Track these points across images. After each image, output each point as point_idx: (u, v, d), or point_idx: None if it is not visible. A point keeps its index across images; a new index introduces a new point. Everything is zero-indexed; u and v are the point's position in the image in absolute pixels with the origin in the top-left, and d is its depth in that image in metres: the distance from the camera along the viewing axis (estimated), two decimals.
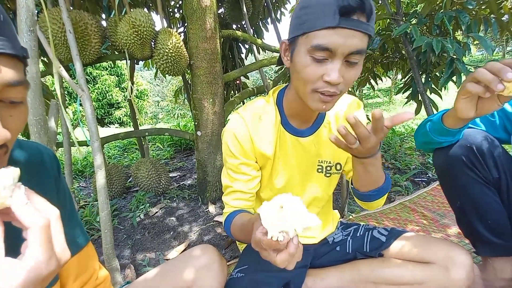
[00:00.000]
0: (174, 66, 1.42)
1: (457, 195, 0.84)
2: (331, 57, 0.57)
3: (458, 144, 0.78)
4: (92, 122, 1.13)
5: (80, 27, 1.30)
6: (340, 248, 0.94)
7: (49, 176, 0.57)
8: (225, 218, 0.79)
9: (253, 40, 1.81)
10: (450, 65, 1.63)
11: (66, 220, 0.59)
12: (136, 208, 1.74)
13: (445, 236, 1.27)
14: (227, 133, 0.77)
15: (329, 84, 0.58)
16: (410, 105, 3.31)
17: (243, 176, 0.78)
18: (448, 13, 1.62)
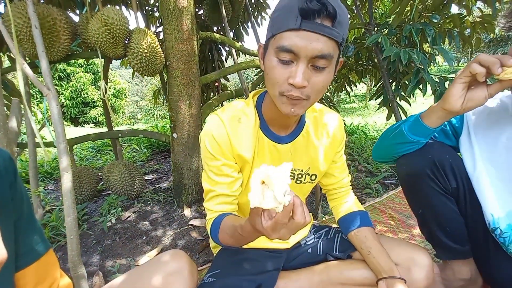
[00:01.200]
0: (148, 67, 1.39)
1: (419, 204, 0.88)
2: (296, 60, 0.58)
3: (421, 156, 0.81)
4: (58, 122, 1.08)
5: (48, 22, 1.24)
6: (311, 250, 0.97)
7: (2, 180, 0.54)
8: (211, 224, 0.76)
9: (231, 43, 1.82)
10: (416, 74, 1.73)
11: (23, 228, 0.56)
12: (108, 213, 1.68)
13: (410, 236, 1.35)
14: (205, 135, 0.75)
15: (293, 87, 0.58)
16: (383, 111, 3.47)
17: (226, 178, 0.77)
18: (416, 25, 1.73)
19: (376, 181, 1.90)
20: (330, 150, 0.86)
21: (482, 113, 0.81)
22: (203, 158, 0.77)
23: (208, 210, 0.79)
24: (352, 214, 0.93)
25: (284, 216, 0.48)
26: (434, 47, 1.70)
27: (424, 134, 0.78)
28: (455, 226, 0.84)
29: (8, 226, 0.54)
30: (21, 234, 0.56)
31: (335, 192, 0.96)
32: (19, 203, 0.57)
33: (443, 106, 0.71)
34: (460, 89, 0.67)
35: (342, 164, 0.92)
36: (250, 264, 0.90)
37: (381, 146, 0.93)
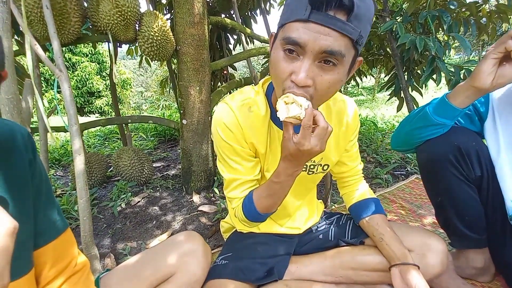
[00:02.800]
0: (159, 51, 1.38)
1: (438, 191, 0.87)
2: (302, 54, 0.52)
3: (444, 142, 0.79)
4: (71, 104, 1.08)
5: (59, 3, 1.23)
6: (322, 236, 0.96)
7: (22, 157, 0.54)
8: (241, 204, 0.76)
9: (242, 29, 1.78)
10: (431, 63, 1.69)
11: (42, 205, 0.56)
12: (117, 198, 1.69)
13: (421, 226, 1.33)
14: (216, 125, 0.73)
15: (296, 85, 0.53)
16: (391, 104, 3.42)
17: (247, 163, 0.75)
18: (432, 12, 1.68)
19: (386, 171, 1.88)
20: (343, 139, 0.84)
21: (508, 98, 0.79)
22: (220, 148, 0.75)
23: (233, 199, 0.78)
24: (364, 201, 0.92)
25: (308, 119, 0.53)
26: (451, 34, 1.64)
27: (450, 116, 0.75)
28: (475, 215, 0.83)
29: (28, 203, 0.54)
30: (40, 211, 0.56)
31: (347, 180, 0.95)
32: (38, 180, 0.57)
33: (473, 83, 0.68)
34: (491, 65, 0.65)
35: (355, 152, 0.91)
36: (262, 248, 0.90)
37: (401, 133, 0.90)
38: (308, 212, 0.98)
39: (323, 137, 0.56)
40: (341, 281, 0.90)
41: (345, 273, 0.88)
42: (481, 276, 0.92)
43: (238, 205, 0.77)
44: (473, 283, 0.93)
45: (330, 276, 0.89)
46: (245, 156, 0.75)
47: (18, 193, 0.51)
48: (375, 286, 0.91)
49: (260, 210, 0.73)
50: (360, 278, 0.87)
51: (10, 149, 0.52)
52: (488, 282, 0.94)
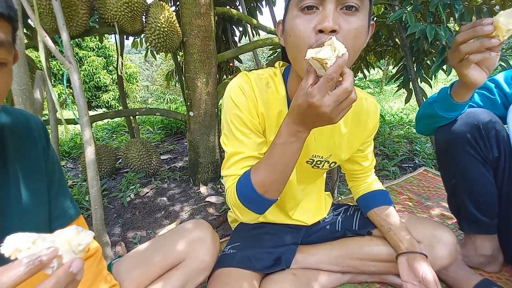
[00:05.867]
0: (166, 42, 1.38)
1: (453, 173, 0.86)
2: (321, 4, 0.51)
3: (464, 121, 0.79)
4: (80, 95, 1.09)
5: None
6: (330, 226, 0.97)
7: (36, 145, 0.55)
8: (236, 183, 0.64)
9: (248, 20, 1.77)
10: (441, 53, 1.65)
11: (55, 192, 0.58)
12: (126, 189, 1.72)
13: (429, 217, 1.33)
14: (229, 89, 0.69)
15: (323, 34, 0.50)
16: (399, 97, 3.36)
17: (255, 138, 0.68)
18: (443, 0, 1.63)
19: (393, 164, 1.86)
20: (357, 139, 0.81)
21: None
22: (228, 117, 0.68)
23: (229, 177, 0.67)
24: (372, 193, 0.91)
25: (335, 70, 0.45)
26: (463, 23, 1.60)
27: (457, 109, 0.76)
28: (488, 198, 0.82)
29: (42, 189, 0.56)
30: (53, 198, 0.58)
31: (357, 175, 0.94)
32: (51, 167, 0.59)
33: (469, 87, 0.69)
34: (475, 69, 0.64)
35: (369, 153, 0.88)
36: (269, 237, 0.91)
37: (419, 122, 0.92)
38: (316, 205, 0.98)
39: (340, 102, 0.47)
40: (348, 271, 0.91)
41: (352, 263, 0.88)
42: (489, 265, 0.92)
43: (232, 184, 0.65)
44: (481, 274, 0.93)
45: (337, 265, 0.90)
46: (252, 129, 0.68)
47: (33, 179, 0.53)
48: (381, 276, 0.92)
49: (257, 187, 0.60)
50: (367, 268, 0.88)
51: (25, 137, 0.53)
52: (496, 272, 0.93)
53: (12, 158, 0.50)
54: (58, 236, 0.33)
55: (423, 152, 2.04)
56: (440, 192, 1.53)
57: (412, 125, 2.90)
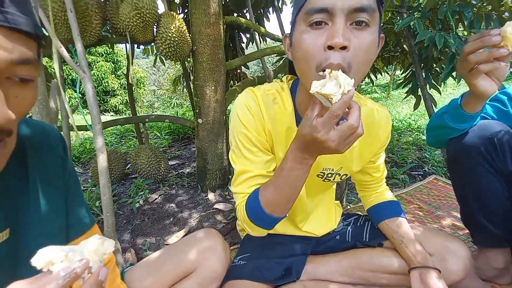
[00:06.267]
0: (176, 51, 1.40)
1: (466, 185, 0.85)
2: (331, 20, 0.50)
3: (476, 134, 0.78)
4: (94, 104, 1.12)
5: (81, 7, 1.27)
6: (340, 236, 0.96)
7: (55, 155, 0.57)
8: (246, 201, 0.67)
9: (256, 28, 1.79)
10: (451, 60, 1.64)
11: (71, 200, 0.59)
12: (135, 194, 1.74)
13: (439, 227, 1.31)
14: (236, 107, 0.69)
15: (333, 51, 0.49)
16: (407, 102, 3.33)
17: (263, 156, 0.69)
18: (452, 7, 1.62)
19: (402, 171, 1.84)
20: (369, 151, 0.80)
21: None
22: (236, 135, 0.69)
23: (238, 195, 0.69)
24: (383, 204, 0.90)
25: (340, 107, 0.45)
26: (472, 31, 1.59)
27: (468, 120, 0.76)
28: (502, 212, 0.81)
29: (60, 198, 0.57)
30: (69, 206, 0.59)
31: (367, 186, 0.93)
32: (68, 177, 0.60)
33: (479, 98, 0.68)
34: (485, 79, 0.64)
35: (380, 164, 0.87)
36: (279, 248, 0.91)
37: (429, 134, 0.91)
38: (326, 217, 0.97)
39: (346, 138, 0.48)
40: (359, 283, 0.89)
41: (363, 275, 0.87)
42: (501, 277, 0.91)
43: (242, 202, 0.67)
44: (493, 286, 0.91)
45: (347, 277, 0.89)
46: (260, 147, 0.69)
47: (51, 188, 0.54)
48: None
49: (264, 207, 0.62)
50: (378, 280, 0.86)
51: (44, 148, 0.55)
52: (508, 284, 0.91)
53: (32, 168, 0.52)
54: (85, 247, 0.36)
55: (432, 159, 2.02)
56: (451, 201, 1.51)
57: (421, 131, 2.87)
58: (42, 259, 0.32)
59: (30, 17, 0.35)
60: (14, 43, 0.32)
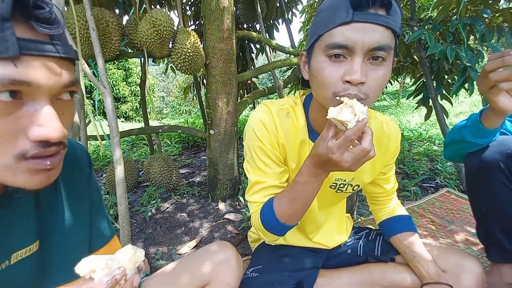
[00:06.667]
0: (191, 65, 1.45)
1: (484, 201, 0.85)
2: (350, 55, 0.53)
3: (496, 149, 0.78)
4: (113, 118, 1.17)
5: (102, 24, 1.34)
6: (351, 250, 0.96)
7: (82, 171, 0.60)
8: (260, 210, 0.70)
9: (267, 42, 1.83)
10: (463, 73, 1.64)
11: (94, 213, 0.62)
12: (148, 203, 1.78)
13: (452, 242, 1.29)
14: (251, 121, 0.72)
15: (350, 85, 0.52)
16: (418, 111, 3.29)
17: (276, 168, 0.72)
18: (463, 20, 1.63)
19: (413, 183, 1.83)
20: (380, 162, 0.82)
21: None
22: (251, 147, 0.73)
23: (253, 203, 0.73)
24: (395, 218, 0.91)
25: (355, 133, 0.49)
26: (484, 44, 1.59)
27: (488, 135, 0.76)
28: None
29: (85, 211, 0.61)
30: (92, 219, 0.62)
31: (378, 199, 0.94)
32: (92, 191, 0.64)
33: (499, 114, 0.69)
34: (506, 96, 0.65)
35: (391, 175, 0.88)
36: (290, 261, 0.91)
37: (447, 148, 0.91)
38: (336, 228, 0.98)
39: (359, 159, 0.52)
40: None
41: None
42: None
43: (257, 210, 0.71)
44: None
45: None
46: (274, 160, 0.72)
47: (77, 202, 0.58)
48: None
49: (279, 217, 0.66)
50: None
51: (72, 163, 0.59)
52: None
53: (62, 183, 0.55)
54: (121, 256, 0.40)
55: (444, 171, 1.99)
56: (464, 215, 1.49)
57: (432, 141, 2.84)
58: (85, 267, 0.37)
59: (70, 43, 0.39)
60: (63, 68, 0.36)
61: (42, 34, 0.34)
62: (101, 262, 0.37)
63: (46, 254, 0.50)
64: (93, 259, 0.37)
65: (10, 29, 0.30)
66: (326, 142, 0.53)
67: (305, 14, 3.67)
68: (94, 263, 0.37)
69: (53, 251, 0.52)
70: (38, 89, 0.34)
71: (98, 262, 0.37)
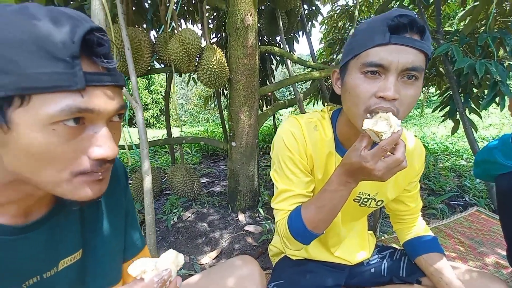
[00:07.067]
0: (216, 81, 1.51)
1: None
2: (384, 73, 0.56)
3: None
4: (143, 131, 1.24)
5: (135, 43, 1.43)
6: (374, 270, 0.94)
7: (119, 183, 0.64)
8: (287, 217, 0.72)
9: (289, 56, 1.87)
10: (493, 87, 1.58)
11: (129, 224, 0.67)
12: (170, 211, 1.84)
13: (482, 265, 1.23)
14: (282, 132, 0.76)
15: (383, 100, 0.56)
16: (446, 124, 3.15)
17: (304, 177, 0.74)
18: (493, 34, 1.58)
19: (440, 201, 1.76)
20: (404, 179, 0.82)
21: None
22: (280, 157, 0.75)
23: (279, 211, 0.75)
24: (420, 238, 0.88)
25: (389, 143, 0.52)
26: None
27: None
28: None
29: (121, 223, 0.65)
30: (127, 229, 0.66)
31: (403, 217, 0.92)
32: (127, 203, 0.68)
33: None
34: None
35: (415, 193, 0.88)
36: (312, 277, 0.91)
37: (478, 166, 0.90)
38: (359, 244, 0.97)
39: (392, 169, 0.55)
40: None
41: None
42: None
43: (283, 218, 0.73)
44: None
45: None
46: (302, 169, 0.74)
47: (115, 213, 0.62)
48: None
49: (306, 224, 0.68)
50: None
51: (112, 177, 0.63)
52: None
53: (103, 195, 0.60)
54: (167, 259, 0.45)
55: (474, 188, 1.90)
56: (495, 237, 1.41)
57: (460, 155, 2.72)
58: (137, 268, 0.41)
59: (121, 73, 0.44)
60: (116, 95, 0.41)
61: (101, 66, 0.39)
62: (151, 264, 0.42)
63: (87, 262, 0.54)
64: (144, 261, 0.42)
65: (79, 66, 0.34)
66: (359, 152, 0.56)
67: (325, 25, 3.70)
68: (145, 265, 0.41)
69: (93, 260, 0.56)
70: (98, 114, 0.38)
71: (148, 264, 0.42)
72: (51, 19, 0.33)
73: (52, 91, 0.33)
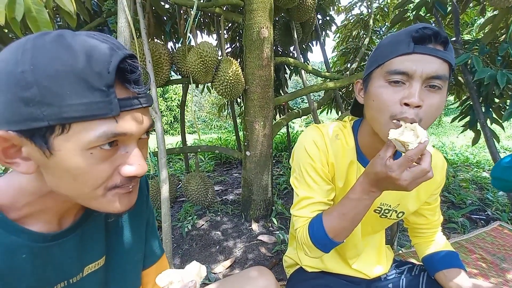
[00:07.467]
0: (232, 91, 1.55)
1: None
2: (408, 81, 0.57)
3: None
4: (161, 141, 1.28)
5: (156, 56, 1.49)
6: (392, 285, 0.92)
7: (142, 195, 0.67)
8: (308, 224, 0.72)
9: (304, 67, 1.89)
10: None
11: (149, 233, 0.69)
12: (184, 219, 1.87)
13: (504, 282, 1.17)
14: (304, 140, 0.76)
15: (408, 108, 0.56)
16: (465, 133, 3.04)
17: (324, 185, 0.74)
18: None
19: (461, 214, 1.69)
20: (425, 192, 0.81)
21: None
22: (301, 164, 0.76)
23: (299, 218, 0.74)
24: (440, 253, 0.86)
25: (416, 153, 0.52)
26: None
27: None
28: None
29: (142, 232, 0.67)
30: (147, 238, 0.69)
31: (421, 231, 0.90)
32: (148, 212, 0.70)
33: None
34: None
35: (436, 206, 0.86)
36: None
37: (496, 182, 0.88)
38: (376, 258, 0.95)
39: (417, 178, 0.55)
40: None
41: None
42: None
43: (304, 225, 0.72)
44: None
45: None
46: (323, 177, 0.75)
47: (137, 222, 0.64)
48: None
49: (327, 231, 0.67)
50: None
51: None
52: None
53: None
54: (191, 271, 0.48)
55: (496, 202, 1.82)
56: None
57: (481, 167, 2.61)
58: (164, 279, 0.44)
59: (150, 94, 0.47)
60: (145, 115, 0.43)
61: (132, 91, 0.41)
62: (177, 275, 0.44)
63: (109, 268, 0.57)
64: (169, 273, 0.44)
65: (113, 94, 0.36)
66: (385, 161, 0.56)
67: (339, 34, 3.71)
68: (171, 276, 0.44)
69: (114, 267, 0.58)
70: (130, 136, 0.41)
71: (174, 275, 0.44)
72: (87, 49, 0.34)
73: (90, 119, 0.35)
